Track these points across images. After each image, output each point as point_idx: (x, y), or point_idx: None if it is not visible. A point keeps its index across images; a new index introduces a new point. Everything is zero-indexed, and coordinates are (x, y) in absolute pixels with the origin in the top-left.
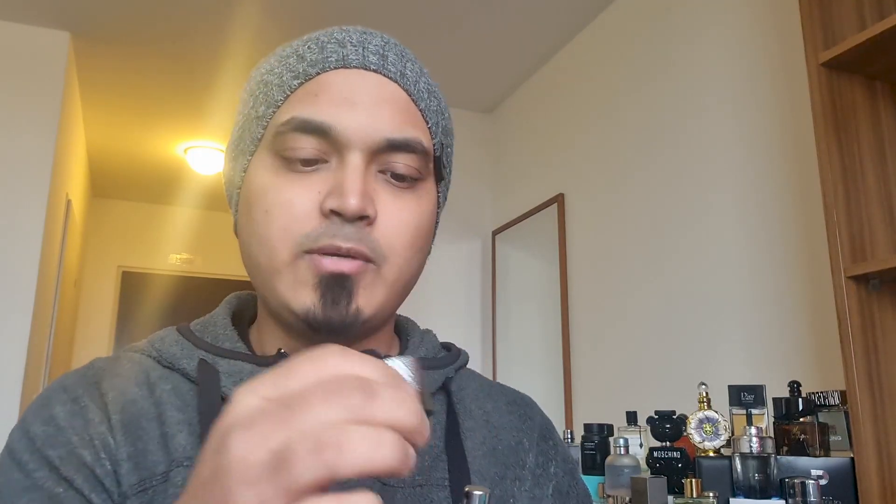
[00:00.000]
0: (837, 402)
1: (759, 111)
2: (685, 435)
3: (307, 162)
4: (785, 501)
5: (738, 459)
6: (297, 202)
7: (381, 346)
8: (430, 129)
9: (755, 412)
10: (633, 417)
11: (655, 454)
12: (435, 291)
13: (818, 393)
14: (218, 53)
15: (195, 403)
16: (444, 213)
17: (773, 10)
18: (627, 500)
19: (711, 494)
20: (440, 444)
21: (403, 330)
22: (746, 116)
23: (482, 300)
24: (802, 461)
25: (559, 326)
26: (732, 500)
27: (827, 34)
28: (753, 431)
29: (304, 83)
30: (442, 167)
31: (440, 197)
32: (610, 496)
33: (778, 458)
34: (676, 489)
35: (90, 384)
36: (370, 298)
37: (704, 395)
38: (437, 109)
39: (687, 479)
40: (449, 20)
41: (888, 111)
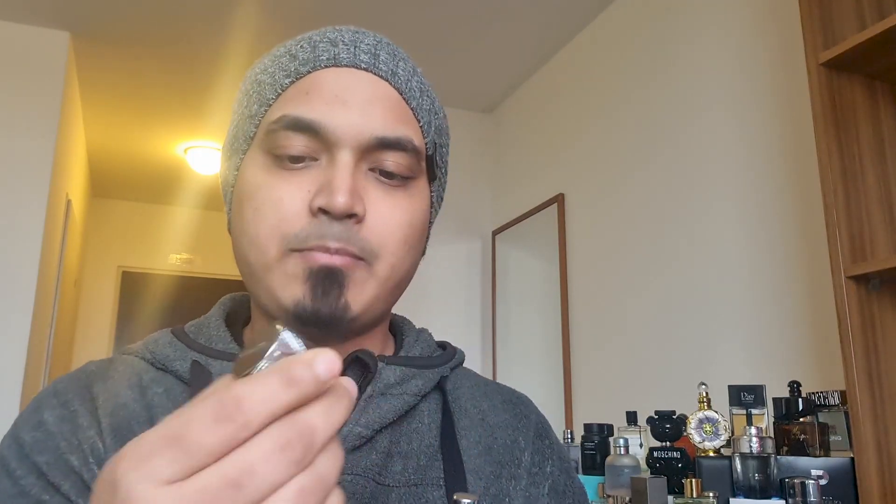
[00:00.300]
0: (837, 402)
1: (759, 111)
2: (685, 435)
3: (296, 159)
4: (785, 501)
5: (738, 459)
6: (286, 200)
7: (374, 345)
8: (421, 127)
9: (755, 412)
10: (633, 417)
11: (655, 454)
12: (435, 291)
13: (818, 393)
14: (218, 54)
15: None
16: (443, 212)
17: (773, 10)
18: (627, 500)
19: (711, 494)
20: (435, 443)
21: (398, 329)
22: (746, 116)
23: (482, 300)
24: (802, 461)
25: (559, 326)
26: (732, 500)
27: (827, 34)
28: (753, 431)
29: (295, 82)
30: (435, 166)
31: (434, 197)
32: (610, 496)
33: (778, 458)
34: (676, 489)
35: (82, 388)
36: (360, 295)
37: (704, 395)
38: (429, 108)
39: (687, 479)
40: (449, 20)
41: (888, 111)
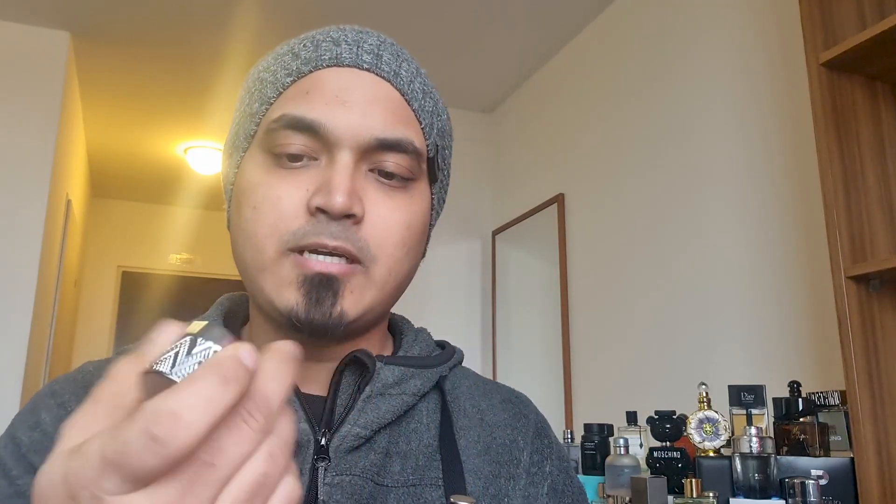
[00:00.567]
0: (837, 402)
1: (759, 111)
2: (685, 435)
3: (295, 158)
4: (785, 501)
5: (738, 459)
6: (285, 199)
7: (373, 345)
8: (423, 129)
9: (755, 412)
10: (633, 417)
11: (655, 454)
12: (435, 291)
13: (818, 393)
14: (218, 54)
15: None
16: (444, 212)
17: (773, 10)
18: (627, 500)
19: (711, 494)
20: (434, 443)
21: (397, 329)
22: (746, 116)
23: (482, 300)
24: (802, 461)
25: (559, 326)
26: (732, 500)
27: (827, 34)
28: (753, 431)
29: (297, 80)
30: (436, 168)
31: (434, 199)
32: (610, 496)
33: (778, 458)
34: (676, 489)
35: (79, 388)
36: (356, 302)
37: (704, 395)
38: (431, 110)
39: (687, 479)
40: (450, 20)
41: (888, 111)
